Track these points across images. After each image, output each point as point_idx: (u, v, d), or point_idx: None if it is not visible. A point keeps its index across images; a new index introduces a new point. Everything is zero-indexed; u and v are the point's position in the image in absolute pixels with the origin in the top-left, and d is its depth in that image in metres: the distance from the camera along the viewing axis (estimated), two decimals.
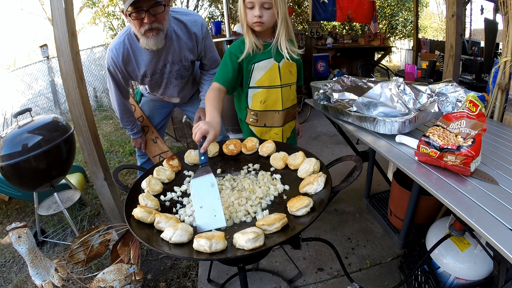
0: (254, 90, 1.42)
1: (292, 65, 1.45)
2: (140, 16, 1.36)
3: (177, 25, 1.59)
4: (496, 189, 0.88)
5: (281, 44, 1.36)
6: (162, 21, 1.43)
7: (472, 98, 1.01)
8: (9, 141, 1.70)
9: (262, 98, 1.42)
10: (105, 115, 5.82)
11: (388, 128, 1.25)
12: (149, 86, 1.80)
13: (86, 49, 6.84)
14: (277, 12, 1.28)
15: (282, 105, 1.45)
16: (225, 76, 1.36)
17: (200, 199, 0.91)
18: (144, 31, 1.41)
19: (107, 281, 1.32)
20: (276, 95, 1.42)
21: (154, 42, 1.44)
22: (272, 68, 1.39)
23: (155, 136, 2.03)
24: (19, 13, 17.64)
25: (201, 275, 1.72)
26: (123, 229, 1.69)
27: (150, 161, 2.13)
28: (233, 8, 7.26)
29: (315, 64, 4.89)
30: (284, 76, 1.42)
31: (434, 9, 11.45)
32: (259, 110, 1.45)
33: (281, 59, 1.40)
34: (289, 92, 1.48)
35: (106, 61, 1.58)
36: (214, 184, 0.94)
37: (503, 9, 1.60)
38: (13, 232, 1.27)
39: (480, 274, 1.24)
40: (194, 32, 1.62)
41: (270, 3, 1.26)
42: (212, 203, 0.89)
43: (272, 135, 1.51)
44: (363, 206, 2.23)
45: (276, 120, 1.47)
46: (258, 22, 1.29)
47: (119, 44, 1.52)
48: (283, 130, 1.51)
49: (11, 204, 2.71)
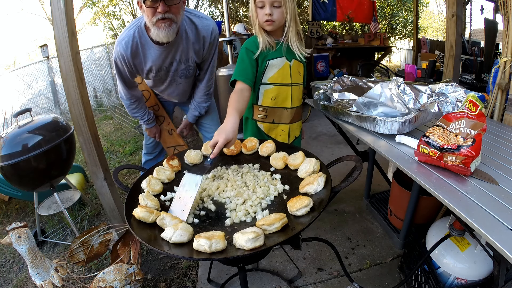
0: (266, 87, 1.45)
1: (300, 65, 1.49)
2: (155, 4, 1.34)
3: (188, 25, 1.58)
4: (496, 189, 0.88)
5: (292, 43, 1.40)
6: (176, 13, 1.41)
7: (472, 98, 1.01)
8: (9, 141, 1.70)
9: (273, 95, 1.46)
10: (105, 115, 5.82)
11: (388, 128, 1.25)
12: (153, 81, 1.77)
13: (86, 49, 6.85)
14: (286, 11, 1.32)
15: (291, 103, 1.49)
16: (244, 73, 1.36)
17: (182, 191, 1.01)
18: (156, 21, 1.38)
19: (107, 281, 1.32)
20: (286, 93, 1.47)
21: (165, 33, 1.41)
22: (284, 67, 1.43)
23: (170, 128, 2.01)
24: (19, 13, 17.65)
25: (201, 275, 1.72)
26: (123, 229, 1.69)
27: (155, 159, 2.13)
28: (233, 8, 7.26)
29: (315, 64, 4.89)
30: (294, 76, 1.47)
31: (434, 9, 11.46)
32: (269, 106, 1.48)
33: (291, 58, 1.44)
34: (297, 92, 1.51)
35: (114, 54, 1.56)
36: (198, 185, 1.00)
37: (503, 9, 1.60)
38: (13, 232, 1.27)
39: (480, 274, 1.24)
40: (203, 36, 1.62)
41: (280, 1, 1.30)
42: (187, 199, 0.98)
43: (279, 132, 1.54)
44: (363, 206, 2.23)
45: (284, 117, 1.51)
46: (269, 20, 1.33)
47: (128, 37, 1.50)
48: (290, 127, 1.54)
49: (11, 204, 2.71)
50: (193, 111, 1.91)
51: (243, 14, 7.85)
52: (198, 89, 1.85)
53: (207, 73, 1.79)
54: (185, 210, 0.96)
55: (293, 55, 1.43)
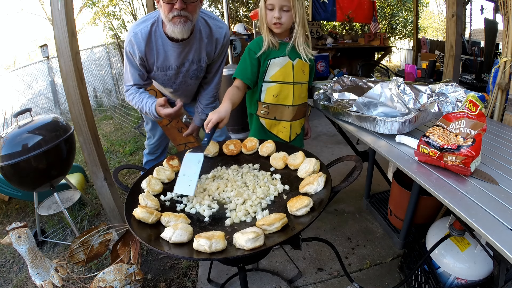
0: (268, 84, 1.50)
1: (305, 65, 1.51)
2: (172, 1, 1.35)
3: (203, 26, 1.58)
4: (496, 189, 0.88)
5: (299, 45, 1.45)
6: (193, 12, 1.42)
7: (472, 98, 1.01)
8: (9, 141, 1.70)
9: (275, 92, 1.50)
10: (105, 115, 5.82)
11: (388, 128, 1.25)
12: (162, 81, 1.72)
13: (86, 49, 6.84)
14: (295, 15, 1.37)
15: (293, 101, 1.52)
16: (244, 72, 1.45)
17: (186, 169, 1.08)
18: (172, 17, 1.38)
19: (107, 281, 1.32)
20: (288, 90, 1.50)
21: (180, 29, 1.41)
22: (287, 65, 1.47)
23: (180, 126, 1.99)
24: (19, 13, 17.65)
25: (201, 275, 1.72)
26: (123, 229, 1.69)
27: (156, 160, 2.12)
28: (233, 8, 7.26)
29: (315, 64, 4.90)
30: (297, 74, 1.49)
31: (434, 9, 11.44)
32: (271, 103, 1.52)
33: (295, 58, 1.47)
34: (300, 90, 1.53)
35: (126, 44, 1.51)
36: (200, 161, 1.08)
37: (503, 9, 1.60)
38: (13, 232, 1.27)
39: (480, 274, 1.24)
40: (216, 38, 1.62)
41: (289, 6, 1.35)
42: (192, 176, 1.05)
43: (281, 128, 1.56)
44: (363, 206, 2.23)
45: (286, 114, 1.54)
46: (277, 23, 1.38)
47: (145, 29, 1.48)
48: (291, 125, 1.56)
49: (11, 204, 2.71)
50: (200, 115, 1.88)
51: (243, 14, 7.85)
52: (205, 92, 1.83)
53: (217, 75, 1.78)
54: (191, 185, 1.01)
55: (298, 55, 1.47)
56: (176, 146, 2.05)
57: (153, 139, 2.08)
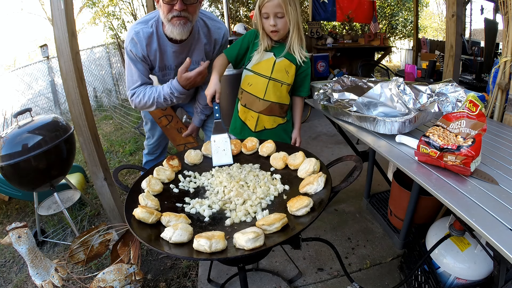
0: (247, 72, 1.59)
1: (291, 66, 1.53)
2: (173, 1, 1.35)
3: (202, 26, 1.59)
4: (496, 189, 0.88)
5: (294, 48, 1.50)
6: (193, 13, 1.42)
7: (472, 98, 1.01)
8: (9, 141, 1.70)
9: (250, 81, 1.58)
10: (105, 115, 5.82)
11: (388, 128, 1.25)
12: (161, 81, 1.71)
13: (86, 49, 6.84)
14: (289, 20, 1.43)
15: (265, 95, 1.56)
16: (231, 50, 1.58)
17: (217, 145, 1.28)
18: (172, 17, 1.38)
19: (107, 281, 1.32)
20: (263, 84, 1.55)
21: (179, 31, 1.41)
22: (268, 60, 1.53)
23: (179, 127, 2.00)
24: (19, 13, 17.62)
25: (201, 275, 1.72)
26: (123, 229, 1.69)
27: (156, 160, 2.12)
28: (233, 8, 7.26)
29: (315, 64, 4.89)
30: (277, 72, 1.53)
31: (434, 9, 11.43)
32: (245, 90, 1.60)
33: (281, 56, 1.52)
34: (276, 88, 1.55)
35: (128, 43, 1.51)
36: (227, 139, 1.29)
37: (503, 9, 1.60)
38: (13, 232, 1.27)
39: (480, 274, 1.24)
40: (215, 38, 1.64)
41: (282, 12, 1.40)
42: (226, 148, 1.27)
43: (249, 117, 1.63)
44: (363, 206, 2.23)
45: (255, 105, 1.59)
46: (274, 31, 1.45)
47: (146, 28, 1.48)
48: (259, 116, 1.60)
49: (11, 204, 2.71)
50: (200, 115, 1.89)
51: (243, 14, 7.85)
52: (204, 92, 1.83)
53: None
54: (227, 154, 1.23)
55: (288, 56, 1.51)
56: (175, 146, 2.05)
57: (152, 139, 2.08)
